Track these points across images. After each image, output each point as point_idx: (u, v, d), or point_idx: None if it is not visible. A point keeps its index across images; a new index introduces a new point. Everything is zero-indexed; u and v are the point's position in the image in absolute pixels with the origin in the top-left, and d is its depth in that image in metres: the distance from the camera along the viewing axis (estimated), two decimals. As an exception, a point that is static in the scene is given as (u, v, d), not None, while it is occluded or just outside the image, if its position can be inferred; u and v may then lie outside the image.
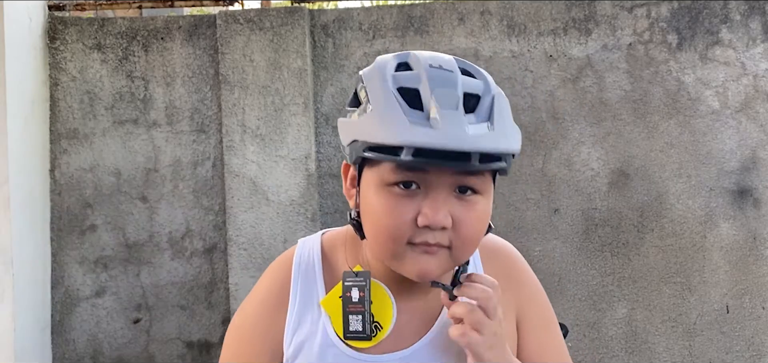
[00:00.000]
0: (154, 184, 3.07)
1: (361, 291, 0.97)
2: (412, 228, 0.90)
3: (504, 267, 1.06)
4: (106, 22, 3.12)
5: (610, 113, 3.04)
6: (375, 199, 0.91)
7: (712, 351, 3.02)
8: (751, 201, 3.02)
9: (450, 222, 0.90)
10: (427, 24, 3.06)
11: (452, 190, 0.91)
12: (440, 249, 0.91)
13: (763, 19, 3.04)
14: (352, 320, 0.96)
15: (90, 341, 3.06)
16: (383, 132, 0.87)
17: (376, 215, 0.91)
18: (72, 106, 3.08)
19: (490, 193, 0.96)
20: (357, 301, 0.97)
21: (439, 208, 0.89)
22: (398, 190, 0.90)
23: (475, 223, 0.93)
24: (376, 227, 0.92)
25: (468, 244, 0.93)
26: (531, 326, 1.04)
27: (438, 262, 0.92)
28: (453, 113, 0.87)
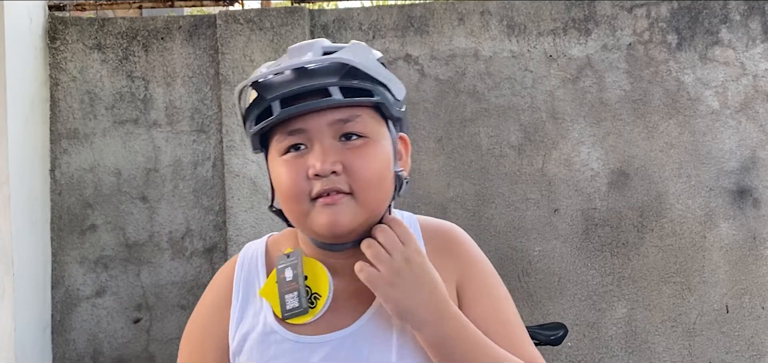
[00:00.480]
0: (155, 184, 3.07)
1: (294, 269, 1.00)
2: (308, 183, 0.94)
3: (443, 241, 1.07)
4: (107, 22, 3.12)
5: (610, 113, 3.04)
6: (275, 172, 0.98)
7: (711, 351, 3.02)
8: (751, 201, 3.02)
9: (339, 167, 0.93)
10: (427, 24, 3.06)
11: (337, 139, 0.95)
12: (342, 196, 0.94)
13: (762, 19, 3.04)
14: (288, 299, 0.99)
15: (90, 341, 3.06)
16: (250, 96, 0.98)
17: (279, 185, 0.98)
18: (72, 106, 3.08)
19: (379, 135, 0.98)
20: (291, 280, 0.99)
21: (324, 155, 0.93)
22: (291, 155, 0.95)
23: (367, 163, 0.95)
24: (282, 196, 0.98)
25: (367, 187, 0.95)
26: (472, 295, 1.03)
27: (344, 210, 0.94)
28: (299, 55, 0.96)
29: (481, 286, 1.05)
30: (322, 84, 0.93)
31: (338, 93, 0.93)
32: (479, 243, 1.23)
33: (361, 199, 0.95)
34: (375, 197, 0.97)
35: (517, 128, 3.05)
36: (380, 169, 0.97)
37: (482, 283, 1.05)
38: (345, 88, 0.94)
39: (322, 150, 0.93)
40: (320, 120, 0.94)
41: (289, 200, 0.97)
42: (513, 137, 3.05)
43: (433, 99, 3.06)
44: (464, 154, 3.04)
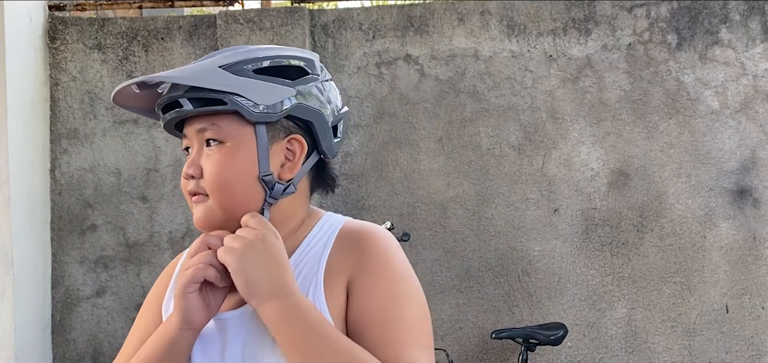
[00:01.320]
0: (155, 184, 3.07)
1: None
2: (186, 183, 1.05)
3: (351, 240, 1.08)
4: (107, 22, 3.12)
5: (610, 113, 3.04)
6: None
7: (711, 350, 3.02)
8: (751, 201, 3.02)
9: (196, 171, 1.03)
10: (427, 24, 3.07)
11: (203, 145, 1.03)
12: (201, 197, 1.03)
13: (762, 20, 3.04)
14: None
15: (90, 341, 3.06)
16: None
17: None
18: (72, 106, 3.08)
19: (236, 140, 1.02)
20: None
21: (190, 161, 1.04)
22: (186, 156, 1.06)
23: (215, 169, 1.01)
24: None
25: (216, 190, 1.02)
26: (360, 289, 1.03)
27: (202, 209, 1.03)
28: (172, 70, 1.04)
29: (374, 283, 1.03)
30: (173, 97, 1.01)
31: (188, 104, 1.01)
32: (479, 243, 1.23)
33: (215, 201, 1.02)
34: (227, 200, 1.02)
35: (517, 128, 3.05)
36: (230, 174, 1.02)
37: (376, 279, 1.03)
38: (194, 99, 1.01)
39: (193, 155, 1.04)
40: (191, 128, 1.04)
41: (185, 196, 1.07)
42: (513, 137, 3.05)
43: (433, 99, 3.06)
44: (464, 154, 3.04)
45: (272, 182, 1.04)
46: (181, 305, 0.99)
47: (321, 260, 1.06)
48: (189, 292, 0.99)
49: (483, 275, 3.02)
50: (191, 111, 1.01)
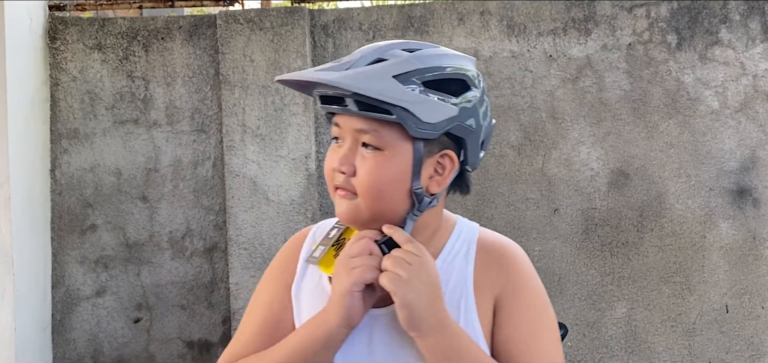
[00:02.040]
0: (155, 184, 3.07)
1: (340, 232, 1.13)
2: (333, 173, 1.06)
3: (495, 256, 1.12)
4: (107, 22, 3.12)
5: (610, 113, 3.04)
6: None
7: (711, 350, 3.02)
8: (751, 201, 3.02)
9: (349, 169, 1.04)
10: (427, 24, 3.07)
11: (358, 144, 1.04)
12: (348, 193, 1.05)
13: (762, 19, 3.05)
14: (319, 249, 1.12)
15: (90, 341, 3.06)
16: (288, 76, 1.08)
17: None
18: (72, 106, 3.09)
19: (393, 150, 1.03)
20: (331, 236, 1.13)
21: (343, 155, 1.05)
22: (333, 144, 1.08)
23: (368, 173, 1.03)
24: None
25: (366, 194, 1.04)
26: (508, 313, 1.07)
27: (347, 205, 1.05)
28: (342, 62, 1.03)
29: (521, 308, 1.08)
30: (342, 94, 1.01)
31: (354, 105, 1.01)
32: None
33: (365, 203, 1.05)
34: (375, 205, 1.05)
35: (517, 128, 3.05)
36: (383, 182, 1.04)
37: (524, 304, 1.08)
38: (362, 103, 1.01)
39: (345, 150, 1.05)
40: (349, 123, 1.04)
41: (326, 182, 1.09)
42: (513, 137, 3.05)
43: (433, 99, 3.06)
44: (464, 154, 3.04)
45: (421, 195, 1.05)
46: (346, 303, 1.01)
47: (467, 274, 1.10)
48: (355, 292, 1.01)
49: (483, 275, 3.02)
50: (355, 112, 1.02)
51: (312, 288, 1.12)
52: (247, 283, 2.95)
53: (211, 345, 3.08)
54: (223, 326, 3.07)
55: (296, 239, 1.19)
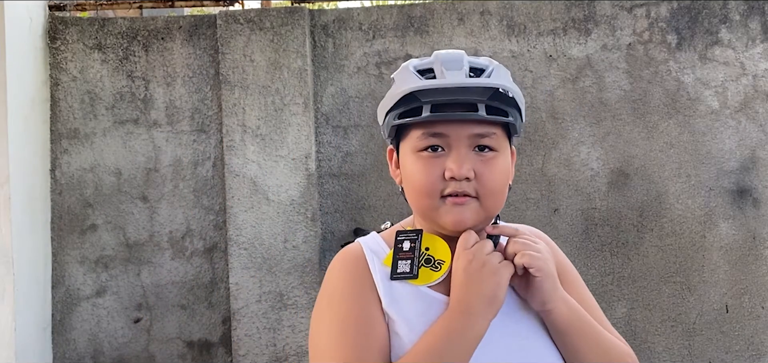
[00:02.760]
0: (155, 184, 3.07)
1: (412, 242, 1.14)
2: (442, 182, 1.08)
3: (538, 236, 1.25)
4: (107, 22, 3.13)
5: (610, 113, 3.04)
6: (411, 165, 1.10)
7: (711, 350, 3.02)
8: (751, 201, 3.02)
9: (472, 174, 1.07)
10: (427, 24, 3.07)
11: (472, 149, 1.08)
12: (469, 199, 1.08)
13: (762, 19, 3.05)
14: (401, 264, 1.12)
15: (90, 341, 3.06)
16: (400, 89, 1.09)
17: (414, 177, 1.10)
18: (72, 106, 3.09)
19: (506, 150, 1.12)
20: (407, 250, 1.13)
21: (461, 161, 1.07)
22: (428, 154, 1.08)
23: (495, 174, 1.09)
24: (414, 188, 1.11)
25: (491, 194, 1.09)
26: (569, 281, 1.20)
27: (470, 211, 1.08)
28: (458, 72, 1.08)
29: (572, 276, 1.24)
30: (473, 100, 1.06)
31: (483, 110, 1.06)
32: None
33: (484, 204, 1.09)
34: (495, 204, 1.11)
35: (517, 128, 3.05)
36: (503, 181, 1.11)
37: (571, 274, 1.25)
38: (489, 107, 1.07)
39: (460, 157, 1.07)
40: (462, 130, 1.07)
41: (421, 193, 1.10)
42: (513, 137, 3.05)
43: (433, 99, 3.06)
44: (464, 154, 3.04)
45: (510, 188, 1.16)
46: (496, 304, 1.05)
47: None
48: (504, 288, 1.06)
49: (483, 275, 3.02)
50: (481, 118, 1.06)
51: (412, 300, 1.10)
52: (247, 283, 2.95)
53: (211, 345, 3.08)
54: (223, 326, 3.07)
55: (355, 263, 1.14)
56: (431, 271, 1.11)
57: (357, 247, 1.17)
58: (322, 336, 1.08)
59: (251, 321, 2.94)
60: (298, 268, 2.95)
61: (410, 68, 1.12)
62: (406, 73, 1.11)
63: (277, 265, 2.95)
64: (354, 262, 1.14)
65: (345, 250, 1.18)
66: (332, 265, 1.17)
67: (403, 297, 1.10)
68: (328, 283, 1.14)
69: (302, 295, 2.95)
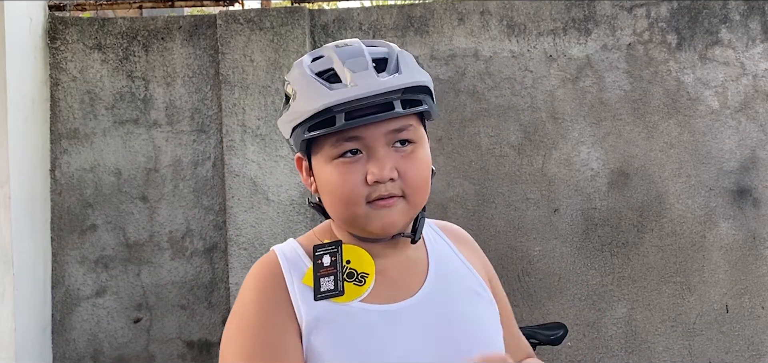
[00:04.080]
0: (155, 184, 3.07)
1: (332, 256, 1.07)
2: (365, 187, 1.01)
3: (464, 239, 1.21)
4: (107, 22, 3.12)
5: (610, 113, 3.04)
6: (328, 174, 1.03)
7: (711, 350, 3.02)
8: (751, 201, 3.02)
9: (396, 174, 1.02)
10: (427, 24, 3.07)
11: (390, 146, 1.02)
12: (396, 199, 1.03)
13: (762, 19, 3.04)
14: (324, 282, 1.05)
15: (90, 341, 3.06)
16: (311, 104, 1.00)
17: (332, 187, 1.03)
18: (72, 106, 3.09)
19: (424, 139, 1.08)
20: (328, 265, 1.06)
21: (383, 163, 1.01)
22: (345, 160, 1.02)
23: (419, 168, 1.04)
24: (334, 198, 1.04)
25: (417, 190, 1.05)
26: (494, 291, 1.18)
27: (398, 212, 1.03)
28: (365, 72, 1.00)
29: (497, 285, 1.21)
30: (388, 99, 1.00)
31: (399, 106, 1.01)
32: (479, 243, 1.26)
33: (412, 201, 1.04)
34: (421, 199, 1.07)
35: (517, 128, 3.05)
36: (426, 172, 1.07)
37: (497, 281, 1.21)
38: (404, 101, 1.02)
39: (380, 158, 1.01)
40: (378, 129, 1.01)
41: (343, 203, 1.03)
42: (513, 137, 3.05)
43: (433, 99, 3.06)
44: (464, 154, 3.04)
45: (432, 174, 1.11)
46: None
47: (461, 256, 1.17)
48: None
49: (483, 275, 3.02)
50: (399, 113, 1.01)
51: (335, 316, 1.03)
52: (247, 283, 2.95)
53: (211, 345, 3.08)
54: (222, 326, 3.07)
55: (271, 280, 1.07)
56: (356, 286, 1.05)
57: (273, 260, 1.09)
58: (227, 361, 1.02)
59: (251, 321, 2.94)
60: (298, 268, 2.94)
61: (309, 72, 1.04)
62: (306, 80, 1.03)
63: (277, 265, 2.94)
64: (270, 279, 1.06)
65: (261, 263, 1.11)
66: (247, 279, 1.09)
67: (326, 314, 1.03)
68: (240, 302, 1.06)
69: (302, 295, 2.94)
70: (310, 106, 1.01)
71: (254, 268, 1.10)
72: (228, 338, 1.04)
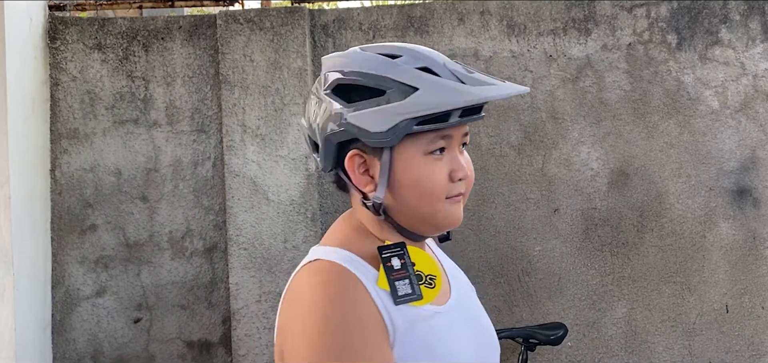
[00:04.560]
0: (155, 184, 3.07)
1: (401, 258, 1.06)
2: (448, 184, 1.06)
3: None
4: (107, 22, 3.12)
5: (610, 113, 3.04)
6: (420, 169, 1.04)
7: (711, 350, 3.02)
8: (751, 201, 3.02)
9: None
10: (427, 24, 3.07)
11: (460, 146, 1.09)
12: (461, 196, 1.09)
13: (762, 19, 3.04)
14: (399, 286, 1.03)
15: (90, 341, 3.06)
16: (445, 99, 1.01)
17: (422, 182, 1.04)
18: (72, 105, 3.09)
19: None
20: (399, 268, 1.05)
21: (466, 162, 1.08)
22: (435, 156, 1.05)
23: (471, 168, 1.11)
24: (420, 193, 1.05)
25: (469, 189, 1.11)
26: None
27: (462, 209, 1.10)
28: (479, 75, 1.05)
29: None
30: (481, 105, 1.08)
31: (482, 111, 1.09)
32: (479, 243, 1.28)
33: (465, 199, 1.11)
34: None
35: (517, 128, 3.05)
36: None
37: None
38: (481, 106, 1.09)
39: (461, 157, 1.08)
40: (460, 131, 1.07)
41: (428, 197, 1.05)
42: (513, 137, 3.05)
43: (433, 99, 3.05)
44: (464, 154, 3.04)
45: None
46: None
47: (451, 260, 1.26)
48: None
49: (483, 275, 3.02)
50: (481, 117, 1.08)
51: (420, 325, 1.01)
52: (247, 283, 2.95)
53: (211, 345, 3.08)
54: (223, 326, 3.07)
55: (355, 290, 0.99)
56: (427, 289, 1.04)
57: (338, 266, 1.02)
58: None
59: (251, 321, 2.94)
60: (298, 268, 2.94)
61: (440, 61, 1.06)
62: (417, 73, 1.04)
63: (277, 265, 2.95)
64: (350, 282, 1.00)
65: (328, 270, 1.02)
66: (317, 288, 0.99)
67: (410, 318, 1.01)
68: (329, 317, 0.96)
69: (302, 295, 2.94)
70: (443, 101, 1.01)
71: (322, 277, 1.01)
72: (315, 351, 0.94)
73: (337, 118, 1.05)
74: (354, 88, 1.05)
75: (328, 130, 1.07)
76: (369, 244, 1.09)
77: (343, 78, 1.06)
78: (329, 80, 1.08)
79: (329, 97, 1.07)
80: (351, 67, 1.06)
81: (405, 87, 1.03)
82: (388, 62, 1.06)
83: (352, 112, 1.04)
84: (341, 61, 1.08)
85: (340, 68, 1.07)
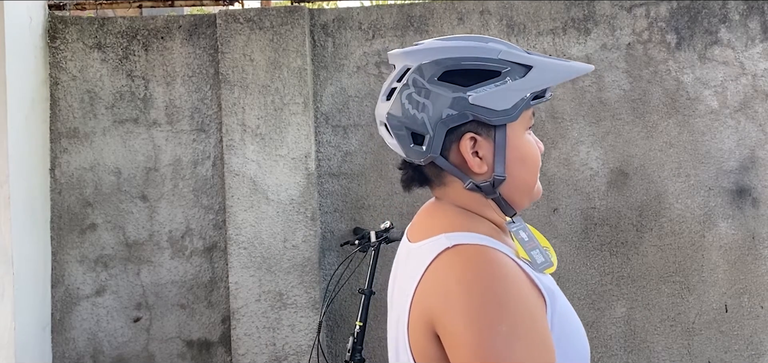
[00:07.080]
0: (154, 183, 3.07)
1: (524, 231, 1.11)
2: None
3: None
4: (107, 21, 3.13)
5: (609, 113, 3.05)
6: (527, 145, 1.11)
7: (710, 350, 3.03)
8: (750, 200, 3.03)
9: None
10: (427, 23, 3.07)
11: None
12: None
13: (761, 19, 3.05)
14: (535, 255, 1.08)
15: (90, 340, 3.06)
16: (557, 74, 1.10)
17: (530, 157, 1.11)
18: (72, 105, 3.09)
19: None
20: (528, 240, 1.11)
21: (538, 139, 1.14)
22: (529, 133, 1.12)
23: None
24: (531, 166, 1.11)
25: None
26: None
27: None
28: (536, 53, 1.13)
29: None
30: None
31: None
32: None
33: None
34: None
35: (517, 128, 3.05)
36: None
37: None
38: None
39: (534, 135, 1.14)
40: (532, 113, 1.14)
41: (535, 169, 1.12)
42: (512, 137, 3.05)
43: (433, 98, 3.06)
44: (464, 154, 3.04)
45: None
46: None
47: None
48: None
49: (482, 274, 3.02)
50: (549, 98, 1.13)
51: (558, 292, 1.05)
52: (246, 282, 2.95)
53: (211, 344, 3.08)
54: (222, 325, 3.07)
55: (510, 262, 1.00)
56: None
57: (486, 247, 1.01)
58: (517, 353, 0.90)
59: (251, 320, 2.95)
60: (298, 267, 2.95)
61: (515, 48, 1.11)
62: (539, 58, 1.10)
63: (277, 264, 2.95)
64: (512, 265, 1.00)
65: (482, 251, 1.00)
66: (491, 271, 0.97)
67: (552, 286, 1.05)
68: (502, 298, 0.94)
69: (302, 295, 2.95)
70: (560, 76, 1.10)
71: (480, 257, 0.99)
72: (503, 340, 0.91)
73: (455, 102, 1.07)
74: (465, 73, 1.08)
75: (443, 115, 1.07)
76: (481, 225, 1.10)
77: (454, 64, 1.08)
78: (431, 71, 1.09)
79: (439, 85, 1.08)
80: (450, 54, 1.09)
81: (520, 66, 1.10)
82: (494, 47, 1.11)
83: (474, 94, 1.07)
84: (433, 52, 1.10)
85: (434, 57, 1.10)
